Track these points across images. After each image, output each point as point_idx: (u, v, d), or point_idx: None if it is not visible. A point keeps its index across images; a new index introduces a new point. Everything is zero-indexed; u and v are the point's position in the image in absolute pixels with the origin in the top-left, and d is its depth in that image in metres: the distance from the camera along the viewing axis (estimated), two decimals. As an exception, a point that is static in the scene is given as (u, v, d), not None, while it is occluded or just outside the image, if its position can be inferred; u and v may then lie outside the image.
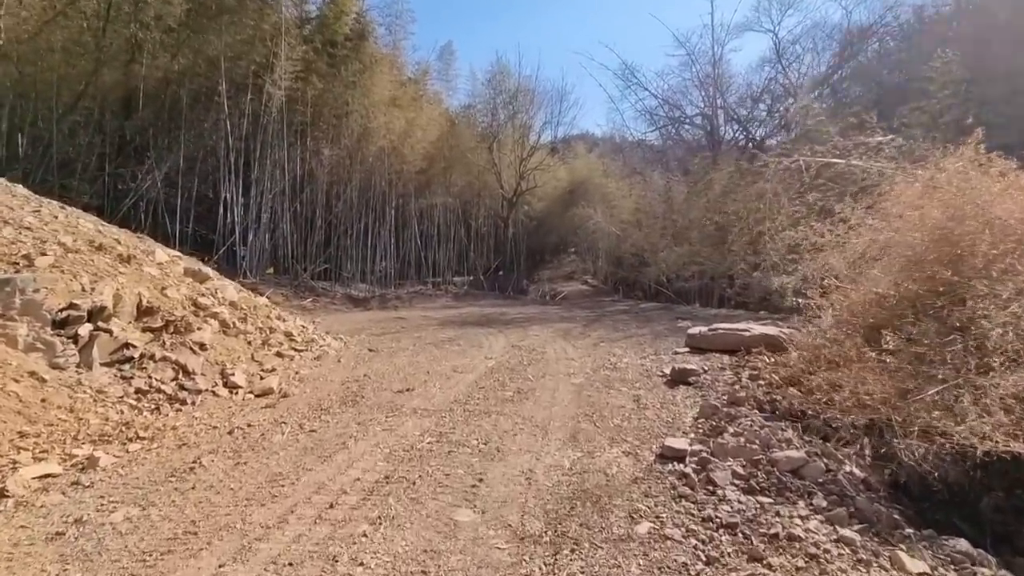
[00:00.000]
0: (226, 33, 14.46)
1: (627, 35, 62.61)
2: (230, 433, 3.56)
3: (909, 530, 2.37)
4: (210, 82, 14.64)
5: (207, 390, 4.44)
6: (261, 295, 13.62)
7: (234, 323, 5.55)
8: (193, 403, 4.19)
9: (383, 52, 18.84)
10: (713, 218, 16.97)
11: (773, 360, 5.27)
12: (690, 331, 7.05)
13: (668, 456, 2.96)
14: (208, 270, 7.00)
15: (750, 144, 23.85)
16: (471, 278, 22.17)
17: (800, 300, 5.74)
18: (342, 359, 6.72)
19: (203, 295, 5.93)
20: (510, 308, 15.22)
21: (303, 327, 8.09)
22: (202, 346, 4.90)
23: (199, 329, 4.99)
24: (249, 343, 5.74)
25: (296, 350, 6.70)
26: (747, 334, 6.49)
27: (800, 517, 2.40)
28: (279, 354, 6.09)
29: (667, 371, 5.27)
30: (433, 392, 4.78)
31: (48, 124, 12.95)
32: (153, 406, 3.93)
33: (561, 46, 59.67)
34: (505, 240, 24.22)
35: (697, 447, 2.94)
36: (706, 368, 5.30)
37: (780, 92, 21.24)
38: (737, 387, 4.35)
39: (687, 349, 6.72)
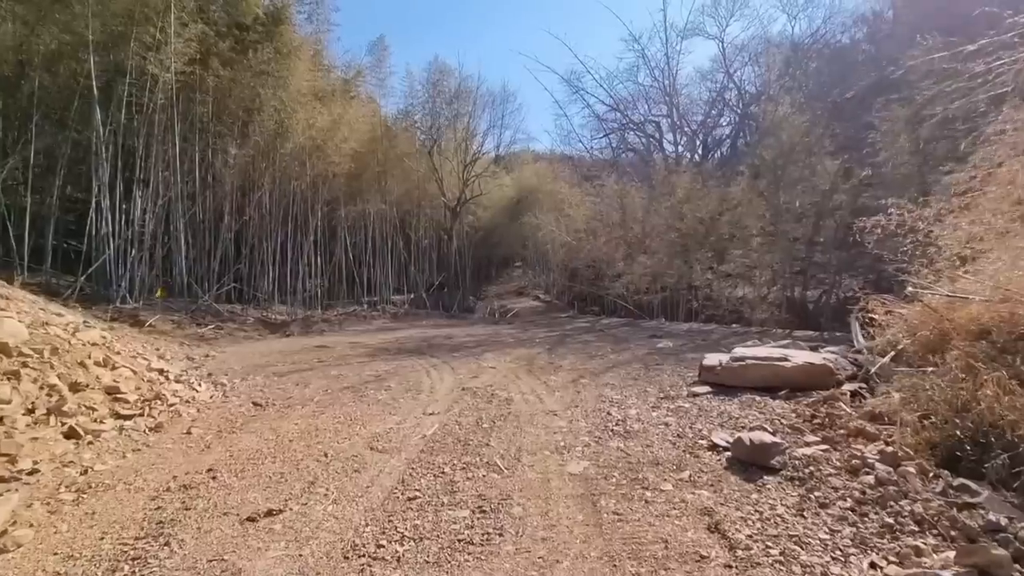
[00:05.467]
0: (99, 4, 11.57)
1: (573, 41, 62.49)
2: None
3: None
4: (80, 64, 11.66)
5: None
6: (142, 324, 10.77)
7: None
8: None
9: (302, 38, 16.34)
10: (675, 225, 15.68)
11: (870, 411, 3.44)
12: (706, 362, 5.21)
13: None
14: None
15: (698, 151, 23.17)
16: (412, 296, 19.76)
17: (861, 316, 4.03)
18: (196, 428, 4.29)
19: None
20: (456, 329, 12.99)
21: (158, 373, 5.55)
22: None
23: None
24: (1, 420, 3.26)
25: (119, 417, 4.21)
26: (787, 365, 4.73)
27: None
28: (71, 432, 3.61)
29: (715, 439, 3.28)
30: (316, 517, 2.50)
31: None
32: None
33: (504, 53, 58.49)
34: (449, 253, 22.00)
35: None
36: (768, 429, 3.39)
37: (723, 103, 20.68)
38: (871, 479, 2.43)
39: (707, 388, 4.85)
